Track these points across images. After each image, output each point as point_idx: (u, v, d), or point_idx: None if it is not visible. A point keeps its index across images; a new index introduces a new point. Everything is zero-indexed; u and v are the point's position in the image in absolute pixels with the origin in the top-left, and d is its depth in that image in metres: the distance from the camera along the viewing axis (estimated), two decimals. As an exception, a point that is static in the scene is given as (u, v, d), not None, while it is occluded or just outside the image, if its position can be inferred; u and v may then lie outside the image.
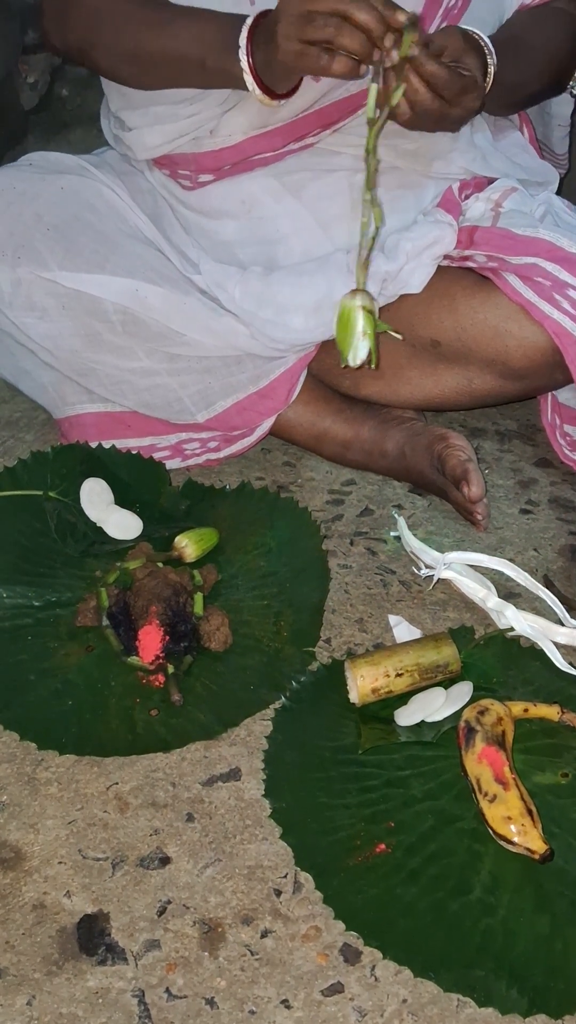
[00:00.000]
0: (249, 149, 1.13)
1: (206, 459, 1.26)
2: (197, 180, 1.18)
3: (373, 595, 1.09)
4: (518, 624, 1.02)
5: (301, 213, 1.17)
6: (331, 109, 1.10)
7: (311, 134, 1.12)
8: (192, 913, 0.77)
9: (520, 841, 0.79)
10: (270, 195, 1.17)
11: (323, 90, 1.08)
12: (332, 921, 0.76)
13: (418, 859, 0.80)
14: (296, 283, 1.14)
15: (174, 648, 0.96)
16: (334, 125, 1.12)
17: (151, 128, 1.15)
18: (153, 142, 1.16)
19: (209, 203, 1.19)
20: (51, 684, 0.95)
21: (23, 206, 1.17)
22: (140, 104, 1.15)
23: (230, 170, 1.16)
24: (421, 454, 1.20)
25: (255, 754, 0.89)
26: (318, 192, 1.16)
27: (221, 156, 1.14)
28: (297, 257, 1.17)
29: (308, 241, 1.17)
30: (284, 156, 1.15)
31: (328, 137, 1.14)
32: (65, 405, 1.23)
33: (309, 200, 1.17)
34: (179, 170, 1.19)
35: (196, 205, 1.20)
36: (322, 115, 1.10)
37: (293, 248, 1.17)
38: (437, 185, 1.20)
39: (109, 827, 0.83)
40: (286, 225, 1.17)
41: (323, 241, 1.17)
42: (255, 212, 1.18)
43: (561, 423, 1.27)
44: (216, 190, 1.18)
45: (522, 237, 1.12)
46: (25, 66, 2.08)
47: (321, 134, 1.13)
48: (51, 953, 0.74)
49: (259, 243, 1.18)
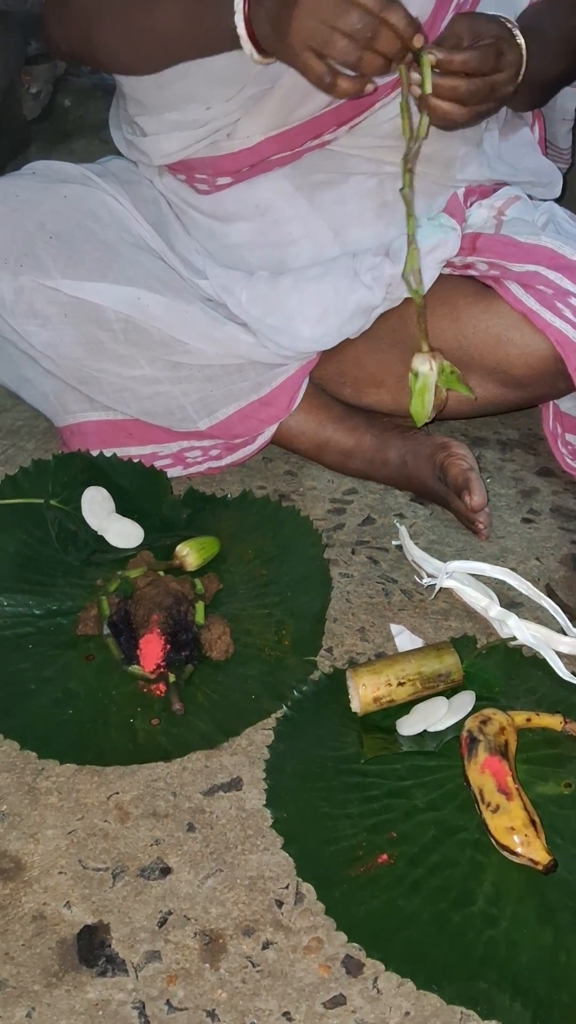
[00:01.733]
0: (267, 150, 1.13)
1: (208, 467, 1.26)
2: (215, 183, 1.18)
3: (375, 604, 1.08)
4: (520, 633, 1.01)
5: (314, 217, 1.17)
6: (347, 107, 1.10)
7: (328, 131, 1.13)
8: (193, 924, 0.77)
9: (523, 852, 0.78)
10: (284, 199, 1.17)
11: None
12: (334, 932, 0.76)
13: (420, 870, 0.79)
14: (303, 290, 1.14)
15: (175, 657, 0.96)
16: (350, 122, 1.12)
17: (168, 135, 1.15)
18: (170, 148, 1.16)
19: (224, 207, 1.19)
20: (52, 693, 0.95)
21: (26, 214, 1.17)
22: (155, 109, 1.15)
23: (248, 172, 1.16)
24: (423, 463, 1.20)
25: (256, 764, 0.89)
26: (332, 196, 1.17)
27: (239, 158, 1.14)
28: (306, 260, 1.17)
29: (319, 245, 1.18)
30: (301, 155, 1.15)
31: (344, 137, 1.14)
32: (67, 413, 1.23)
33: (322, 204, 1.17)
34: (196, 174, 1.19)
35: (210, 210, 1.20)
36: (339, 112, 1.11)
37: (303, 251, 1.18)
38: (445, 190, 1.20)
39: (109, 837, 0.83)
40: (298, 229, 1.18)
41: (334, 245, 1.18)
42: (269, 215, 1.18)
43: (563, 432, 1.27)
44: (231, 194, 1.18)
45: (524, 244, 1.13)
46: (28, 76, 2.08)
47: (338, 131, 1.13)
48: (51, 964, 0.74)
49: (270, 246, 1.19)
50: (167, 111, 1.14)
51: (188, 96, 1.12)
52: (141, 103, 1.17)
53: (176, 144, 1.15)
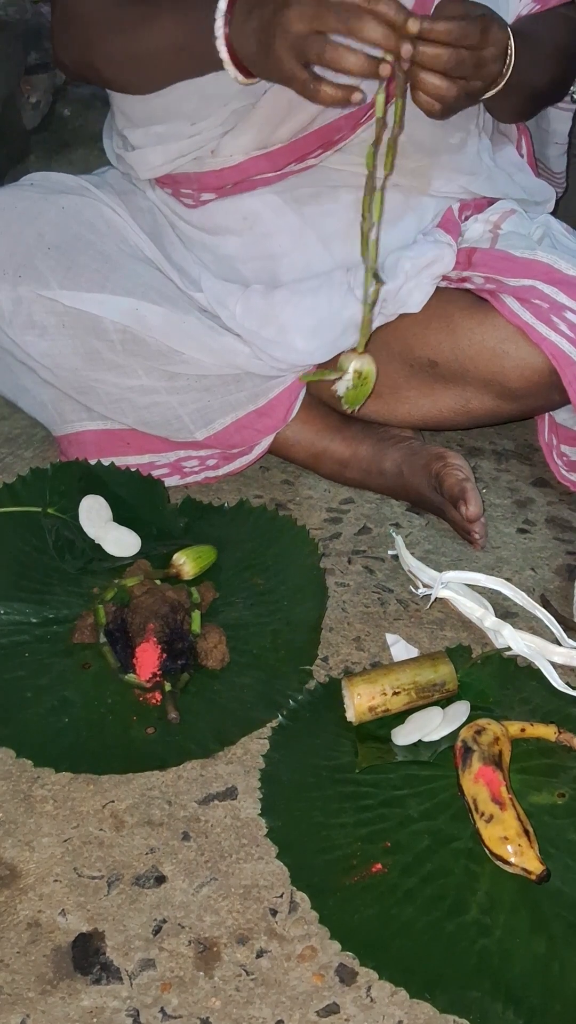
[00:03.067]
0: (250, 169, 1.14)
1: (205, 477, 1.27)
2: (199, 199, 1.19)
3: (371, 613, 1.09)
4: (515, 643, 1.02)
5: (302, 229, 1.18)
6: (331, 128, 1.11)
7: (312, 155, 1.13)
8: (187, 932, 0.77)
9: (516, 861, 0.79)
10: (272, 211, 1.18)
11: (319, 109, 1.08)
12: (328, 941, 0.76)
13: (414, 879, 0.80)
14: (298, 304, 1.15)
15: (171, 666, 0.96)
16: (335, 145, 1.13)
17: (153, 148, 1.16)
18: (155, 161, 1.17)
19: (211, 220, 1.20)
20: (48, 701, 0.95)
21: (24, 225, 1.18)
22: (142, 123, 1.16)
23: (232, 188, 1.16)
24: (419, 473, 1.20)
25: (252, 773, 0.89)
26: (320, 208, 1.17)
27: (223, 175, 1.15)
28: (299, 273, 1.18)
29: (309, 257, 1.18)
30: (286, 176, 1.16)
31: (330, 157, 1.15)
32: (64, 422, 1.24)
33: (311, 216, 1.18)
34: (181, 188, 1.19)
35: (198, 222, 1.21)
36: (322, 134, 1.11)
37: (295, 264, 1.18)
38: (437, 204, 1.20)
39: (105, 845, 0.83)
40: (287, 241, 1.18)
41: (324, 257, 1.18)
42: (257, 228, 1.18)
43: (558, 443, 1.28)
44: (218, 207, 1.19)
45: (520, 259, 1.13)
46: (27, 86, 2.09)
47: (323, 154, 1.13)
48: (45, 972, 0.74)
49: (261, 258, 1.19)
50: (153, 124, 1.15)
51: (173, 110, 1.13)
52: (128, 116, 1.18)
53: (161, 158, 1.16)
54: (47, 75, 2.14)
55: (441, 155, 1.16)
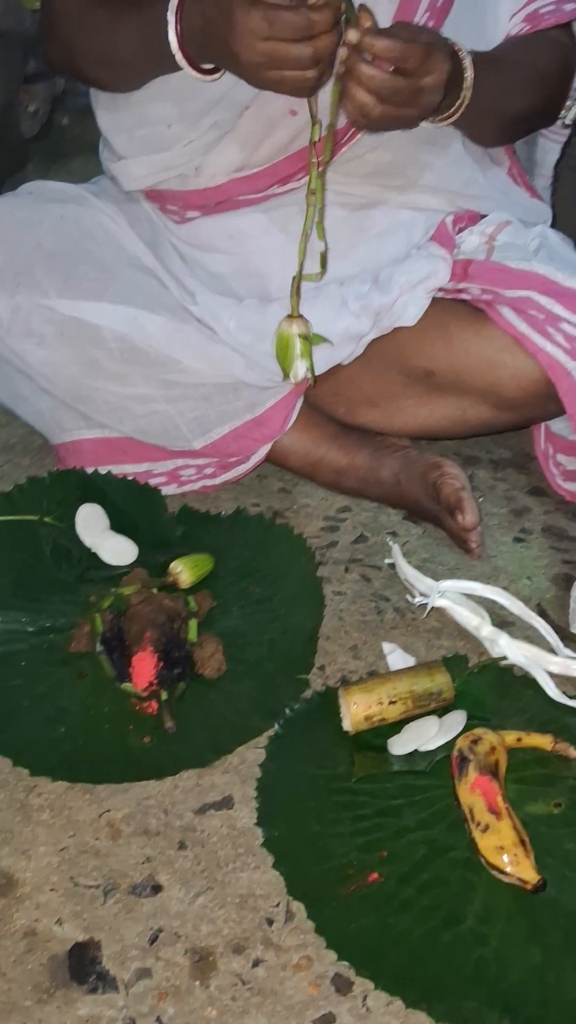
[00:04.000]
0: (233, 190, 1.15)
1: (202, 485, 1.27)
2: (185, 216, 1.19)
3: (367, 622, 1.09)
4: (511, 653, 1.02)
5: (289, 247, 1.18)
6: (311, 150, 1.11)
7: (294, 177, 1.14)
8: (183, 942, 0.77)
9: (513, 871, 0.79)
10: (258, 230, 1.18)
11: (298, 128, 1.09)
12: (324, 951, 0.76)
13: (411, 889, 0.80)
14: None
15: (168, 674, 0.96)
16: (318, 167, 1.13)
17: (137, 159, 1.17)
18: (139, 172, 1.17)
19: (198, 237, 1.20)
20: (44, 710, 0.95)
21: (23, 234, 1.18)
22: (125, 127, 1.17)
23: (216, 208, 1.17)
24: (416, 482, 1.21)
25: (248, 782, 0.89)
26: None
27: (206, 195, 1.16)
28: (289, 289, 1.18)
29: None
30: (269, 198, 1.16)
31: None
32: (62, 431, 1.24)
33: (296, 234, 1.17)
34: (167, 205, 1.20)
35: (186, 238, 1.22)
36: (303, 155, 1.11)
37: (284, 282, 1.18)
38: (428, 219, 1.20)
39: (101, 854, 0.83)
40: (274, 259, 1.18)
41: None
42: (243, 246, 1.19)
43: (554, 452, 1.28)
44: (204, 225, 1.19)
45: (516, 271, 1.14)
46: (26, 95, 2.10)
47: (304, 178, 1.13)
48: (42, 981, 0.74)
49: (250, 276, 1.20)
50: (134, 128, 1.15)
51: (153, 116, 1.13)
52: (110, 114, 1.18)
53: (144, 168, 1.16)
54: (46, 84, 2.15)
55: (424, 172, 1.16)
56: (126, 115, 1.16)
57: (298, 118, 1.08)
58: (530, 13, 1.16)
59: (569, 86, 1.23)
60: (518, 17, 1.17)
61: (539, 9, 1.16)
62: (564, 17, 1.16)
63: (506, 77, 1.09)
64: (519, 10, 1.17)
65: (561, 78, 1.21)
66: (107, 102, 1.19)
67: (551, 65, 1.18)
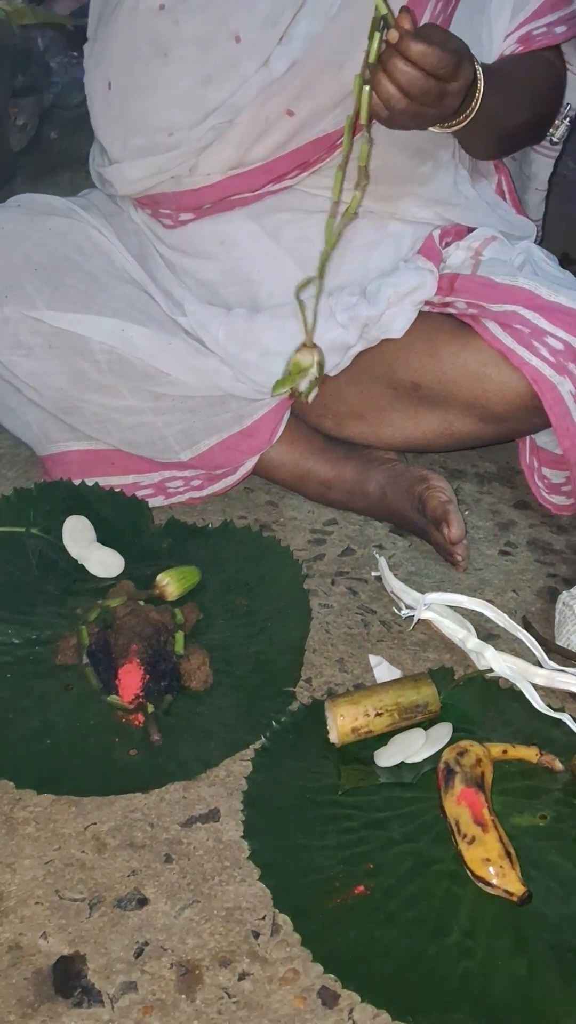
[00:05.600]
0: (228, 188, 1.15)
1: (189, 497, 1.27)
2: (178, 219, 1.20)
3: (354, 635, 1.09)
4: (497, 665, 1.02)
5: (279, 255, 1.19)
6: (307, 149, 1.12)
7: (289, 175, 1.14)
8: (169, 955, 0.76)
9: (498, 883, 0.79)
10: (249, 237, 1.19)
11: (294, 129, 1.10)
12: (310, 963, 0.76)
13: (397, 901, 0.80)
14: (280, 328, 1.15)
15: (154, 687, 0.96)
16: (311, 167, 1.14)
17: (132, 162, 1.17)
18: (134, 175, 1.17)
19: (190, 243, 1.21)
20: (30, 723, 0.95)
21: (11, 247, 1.18)
22: (122, 134, 1.17)
23: (210, 209, 1.17)
24: (402, 495, 1.21)
25: (234, 795, 0.89)
26: (297, 234, 1.18)
27: (201, 195, 1.16)
28: (279, 299, 1.18)
29: (287, 283, 1.18)
30: (263, 197, 1.17)
31: (307, 179, 1.16)
32: (49, 443, 1.24)
33: (287, 242, 1.19)
34: (160, 209, 1.20)
35: (177, 244, 1.22)
36: (298, 155, 1.12)
37: (273, 290, 1.19)
38: (415, 231, 1.21)
39: (86, 867, 0.83)
40: (265, 267, 1.19)
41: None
42: (234, 253, 1.19)
43: (539, 466, 1.29)
44: (196, 230, 1.20)
45: (502, 285, 1.15)
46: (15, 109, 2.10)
47: (299, 176, 1.15)
48: (26, 995, 0.73)
49: (240, 283, 1.20)
50: (130, 136, 1.16)
51: (152, 122, 1.13)
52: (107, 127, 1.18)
53: (139, 172, 1.17)
54: (34, 98, 2.15)
55: (412, 183, 1.18)
56: (125, 124, 1.16)
57: (295, 119, 1.09)
58: (523, 35, 1.18)
59: (559, 105, 1.25)
60: (512, 38, 1.19)
61: (532, 31, 1.18)
62: (555, 39, 1.18)
63: (507, 91, 1.11)
64: (513, 31, 1.18)
65: (553, 97, 1.23)
66: (105, 111, 1.19)
67: (545, 84, 1.21)
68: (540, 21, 1.18)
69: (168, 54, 1.11)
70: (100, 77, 1.17)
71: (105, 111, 1.17)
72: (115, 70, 1.15)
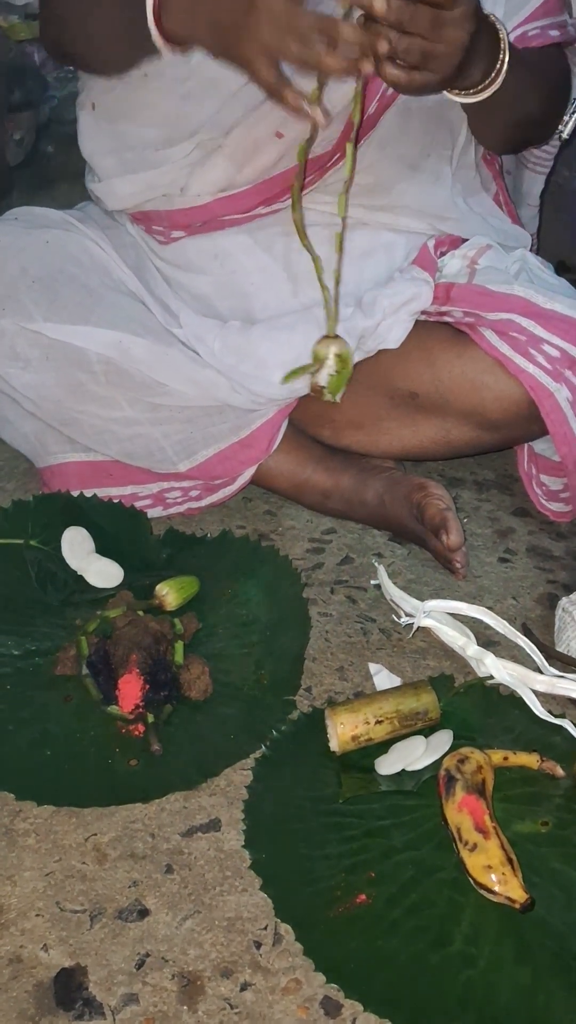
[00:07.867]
0: (218, 210, 1.16)
1: (187, 508, 1.27)
2: (170, 236, 1.20)
3: (353, 643, 1.09)
4: (497, 672, 1.02)
5: (274, 268, 1.19)
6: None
7: (280, 199, 1.15)
8: (171, 966, 0.76)
9: (500, 890, 0.78)
10: (242, 250, 1.19)
11: (283, 150, 1.10)
12: (313, 973, 0.76)
13: (399, 910, 0.79)
14: (276, 339, 1.16)
15: (154, 697, 0.96)
16: (303, 189, 1.14)
17: (122, 178, 1.18)
18: (124, 191, 1.18)
19: (184, 257, 1.21)
20: (29, 734, 0.94)
21: (8, 259, 1.19)
22: (108, 150, 1.18)
23: (201, 227, 1.18)
24: (400, 503, 1.21)
25: (235, 804, 0.89)
26: (290, 246, 1.18)
27: (191, 215, 1.17)
28: (273, 311, 1.19)
29: (282, 295, 1.19)
30: (254, 219, 1.17)
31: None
32: (47, 454, 1.24)
33: (281, 255, 1.19)
34: (153, 225, 1.21)
35: (171, 259, 1.22)
36: (289, 176, 1.12)
37: (268, 303, 1.19)
38: (408, 241, 1.22)
39: (87, 879, 0.82)
40: (259, 280, 1.19)
41: (297, 295, 1.19)
42: (228, 266, 1.20)
43: (537, 473, 1.29)
44: (189, 244, 1.20)
45: (498, 294, 1.15)
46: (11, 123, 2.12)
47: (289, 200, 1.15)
48: (27, 1008, 0.73)
49: (235, 296, 1.20)
50: (122, 151, 1.16)
51: (140, 136, 1.14)
52: (95, 140, 1.19)
53: (129, 187, 1.17)
54: (31, 113, 2.16)
55: (407, 194, 1.18)
56: (110, 140, 1.17)
57: (284, 140, 1.09)
58: (519, 35, 1.19)
59: (566, 102, 1.24)
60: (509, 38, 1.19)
61: (527, 32, 1.18)
62: (548, 40, 1.18)
63: (527, 69, 1.08)
64: (510, 31, 1.18)
65: (560, 92, 1.22)
66: (91, 132, 1.20)
67: (552, 73, 1.19)
68: (533, 24, 1.18)
69: (148, 74, 1.12)
70: (85, 100, 1.21)
71: (91, 132, 1.19)
72: (96, 92, 1.17)
